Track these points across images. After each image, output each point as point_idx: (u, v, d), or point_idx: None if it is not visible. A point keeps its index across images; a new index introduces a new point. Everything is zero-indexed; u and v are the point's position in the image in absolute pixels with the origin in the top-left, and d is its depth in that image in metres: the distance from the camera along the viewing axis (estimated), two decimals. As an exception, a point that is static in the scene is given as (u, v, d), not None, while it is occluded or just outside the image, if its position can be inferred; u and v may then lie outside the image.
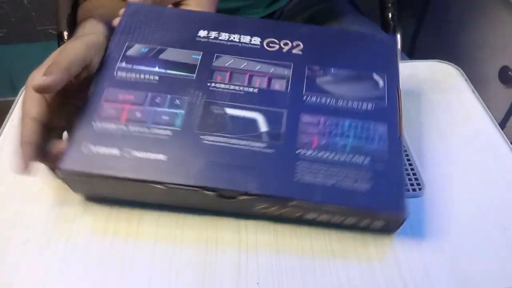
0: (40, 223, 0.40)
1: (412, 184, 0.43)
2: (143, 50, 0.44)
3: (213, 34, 0.46)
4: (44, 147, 0.37)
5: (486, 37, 0.96)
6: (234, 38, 0.45)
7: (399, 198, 0.36)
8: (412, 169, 0.44)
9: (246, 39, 0.45)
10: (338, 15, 0.71)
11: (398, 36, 0.71)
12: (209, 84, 0.42)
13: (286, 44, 0.45)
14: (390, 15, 0.75)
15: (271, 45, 0.45)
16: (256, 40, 0.45)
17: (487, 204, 0.42)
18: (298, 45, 0.45)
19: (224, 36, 0.45)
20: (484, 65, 0.92)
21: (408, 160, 0.45)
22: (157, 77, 0.42)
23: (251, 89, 0.42)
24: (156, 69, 0.43)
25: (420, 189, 0.43)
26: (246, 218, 0.40)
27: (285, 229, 0.39)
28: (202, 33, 0.46)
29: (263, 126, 0.39)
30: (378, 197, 0.36)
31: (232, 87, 0.42)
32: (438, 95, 0.52)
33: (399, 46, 0.66)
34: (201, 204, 0.39)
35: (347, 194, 0.36)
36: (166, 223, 0.40)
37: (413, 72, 0.55)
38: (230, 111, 0.40)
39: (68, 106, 0.40)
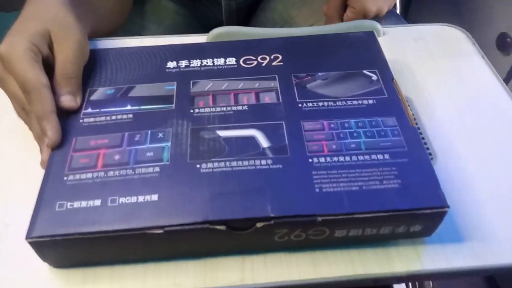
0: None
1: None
2: (109, 92, 0.39)
3: (183, 63, 0.41)
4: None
5: (483, 1, 0.90)
6: (207, 62, 0.41)
7: (435, 189, 0.32)
8: (423, 138, 0.40)
9: (220, 61, 0.41)
10: None
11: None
12: (192, 111, 0.37)
13: (263, 58, 0.42)
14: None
15: (248, 62, 0.41)
16: (231, 60, 0.41)
17: (501, 173, 0.38)
18: (276, 58, 0.42)
19: (195, 62, 0.41)
20: (481, 31, 0.86)
21: (418, 129, 0.41)
22: (131, 115, 0.37)
23: (240, 107, 0.37)
24: (128, 107, 0.37)
25: (431, 159, 0.39)
26: (252, 253, 0.34)
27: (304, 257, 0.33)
28: (171, 64, 0.41)
29: (263, 142, 0.34)
30: (413, 193, 0.31)
31: (218, 109, 0.37)
32: (446, 61, 0.49)
33: (398, 10, 0.63)
34: (205, 247, 0.33)
35: (377, 196, 0.31)
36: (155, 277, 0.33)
37: (418, 36, 0.52)
38: (223, 133, 0.35)
39: None
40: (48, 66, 0.38)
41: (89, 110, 0.37)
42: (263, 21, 0.72)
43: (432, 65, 0.49)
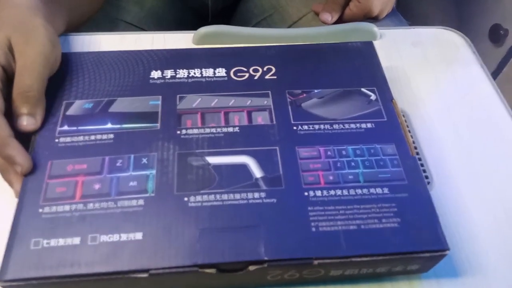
0: None
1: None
2: (87, 106, 0.36)
3: (169, 73, 0.38)
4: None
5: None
6: (195, 73, 0.38)
7: (435, 229, 0.30)
8: (420, 159, 0.39)
9: (209, 72, 0.38)
10: None
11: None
12: (178, 132, 0.34)
13: (256, 70, 0.39)
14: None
15: (239, 74, 0.38)
16: (221, 72, 0.38)
17: (498, 197, 0.37)
18: (269, 70, 0.39)
19: (182, 73, 0.38)
20: (474, 22, 0.83)
21: (418, 154, 0.40)
22: (111, 135, 0.34)
23: (231, 129, 0.34)
24: (109, 125, 0.34)
25: (428, 183, 0.38)
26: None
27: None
28: (155, 73, 0.38)
29: (256, 171, 0.32)
30: (413, 234, 0.30)
31: (207, 130, 0.34)
32: (444, 69, 0.47)
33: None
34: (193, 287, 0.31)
35: (376, 237, 0.30)
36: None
37: (416, 40, 0.49)
38: (213, 159, 0.33)
39: None
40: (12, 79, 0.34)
41: (65, 127, 0.34)
42: (251, 8, 0.68)
43: (429, 73, 0.47)
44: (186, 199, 0.31)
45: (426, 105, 0.44)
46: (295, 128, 0.35)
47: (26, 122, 0.33)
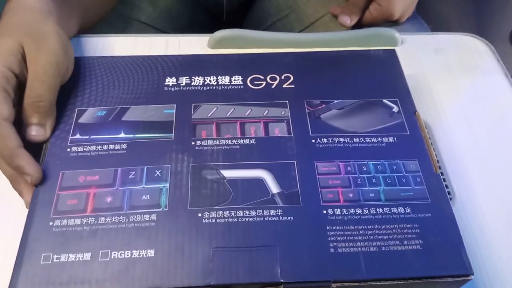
0: None
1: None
2: (100, 114, 0.35)
3: (184, 80, 0.37)
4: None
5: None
6: (210, 81, 0.37)
7: (460, 253, 0.29)
8: (442, 174, 0.37)
9: (225, 80, 0.37)
10: None
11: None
12: (193, 143, 0.33)
13: (273, 78, 0.37)
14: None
15: (256, 82, 0.37)
16: (238, 79, 0.37)
17: None
18: (288, 78, 0.38)
19: (197, 80, 0.37)
20: (493, 24, 0.80)
21: (441, 173, 0.38)
22: (124, 145, 0.33)
23: (247, 141, 0.33)
24: (122, 135, 0.33)
25: (450, 199, 0.36)
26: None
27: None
28: (170, 81, 0.37)
29: (273, 186, 0.31)
30: (436, 257, 0.29)
31: (222, 141, 0.33)
32: (467, 79, 0.45)
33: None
34: None
35: (397, 260, 0.28)
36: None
37: (438, 47, 0.48)
38: (228, 173, 0.32)
39: None
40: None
41: (77, 136, 0.33)
42: (267, 7, 0.67)
43: (451, 82, 0.45)
44: (200, 214, 0.30)
45: (448, 117, 0.42)
46: (313, 141, 0.34)
47: (35, 133, 0.32)
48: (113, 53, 0.44)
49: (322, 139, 0.34)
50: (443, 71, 0.46)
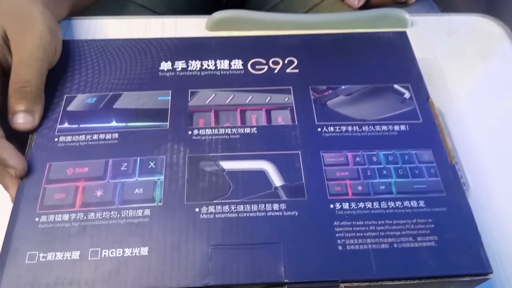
0: None
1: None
2: (89, 101, 0.32)
3: (180, 64, 0.35)
4: None
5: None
6: (208, 65, 0.35)
7: (477, 250, 0.27)
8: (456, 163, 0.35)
9: (224, 64, 0.35)
10: None
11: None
12: (190, 132, 0.31)
13: (276, 63, 0.35)
14: None
15: (257, 67, 0.35)
16: (238, 64, 0.35)
17: None
18: (291, 62, 0.35)
19: (194, 64, 0.35)
20: (504, 4, 0.75)
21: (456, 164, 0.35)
22: (116, 135, 0.31)
23: (248, 130, 0.31)
24: (113, 123, 0.31)
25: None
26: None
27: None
28: (165, 65, 0.35)
29: (276, 179, 0.29)
30: (451, 254, 0.26)
31: (221, 130, 0.31)
32: (481, 63, 0.43)
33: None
34: None
35: (410, 258, 0.26)
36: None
37: (451, 29, 0.45)
38: (228, 165, 0.29)
39: None
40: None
41: (66, 125, 0.31)
42: None
43: (465, 67, 0.42)
44: (197, 210, 0.27)
45: (462, 104, 0.40)
46: (319, 129, 0.31)
47: (23, 120, 0.30)
48: (106, 37, 0.42)
49: (329, 128, 0.31)
50: (456, 54, 0.43)
